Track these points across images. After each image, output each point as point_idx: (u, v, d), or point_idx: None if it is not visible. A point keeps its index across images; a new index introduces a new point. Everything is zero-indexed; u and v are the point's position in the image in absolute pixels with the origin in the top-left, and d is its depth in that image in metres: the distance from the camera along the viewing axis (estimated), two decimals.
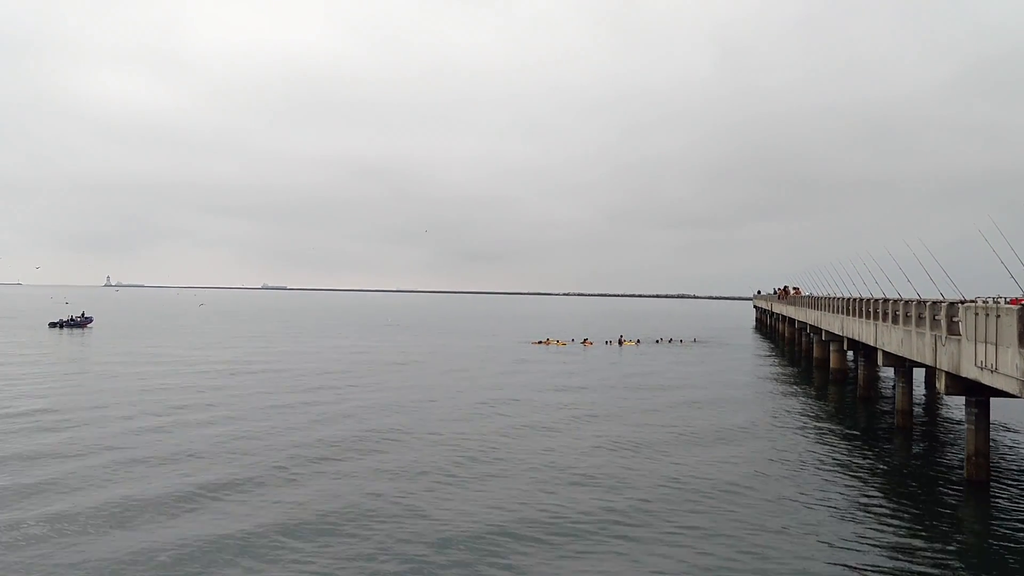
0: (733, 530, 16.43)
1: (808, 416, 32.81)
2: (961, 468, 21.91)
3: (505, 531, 16.13)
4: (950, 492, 20.16)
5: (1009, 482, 21.07)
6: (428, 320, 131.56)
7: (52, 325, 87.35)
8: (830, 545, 15.62)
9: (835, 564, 14.58)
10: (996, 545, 15.94)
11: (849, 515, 17.80)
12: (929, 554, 15.31)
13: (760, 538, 15.93)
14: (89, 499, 18.15)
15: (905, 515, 18.05)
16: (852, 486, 20.59)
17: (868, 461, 23.88)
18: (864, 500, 19.20)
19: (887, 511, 18.34)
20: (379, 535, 15.88)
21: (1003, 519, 17.70)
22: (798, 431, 28.89)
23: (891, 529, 16.88)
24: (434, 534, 15.90)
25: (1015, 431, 28.91)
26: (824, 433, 28.67)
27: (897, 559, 14.92)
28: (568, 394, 37.98)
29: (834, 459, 23.99)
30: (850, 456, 24.56)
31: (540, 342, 73.66)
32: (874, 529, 16.81)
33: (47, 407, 31.35)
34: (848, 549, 15.41)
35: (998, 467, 22.44)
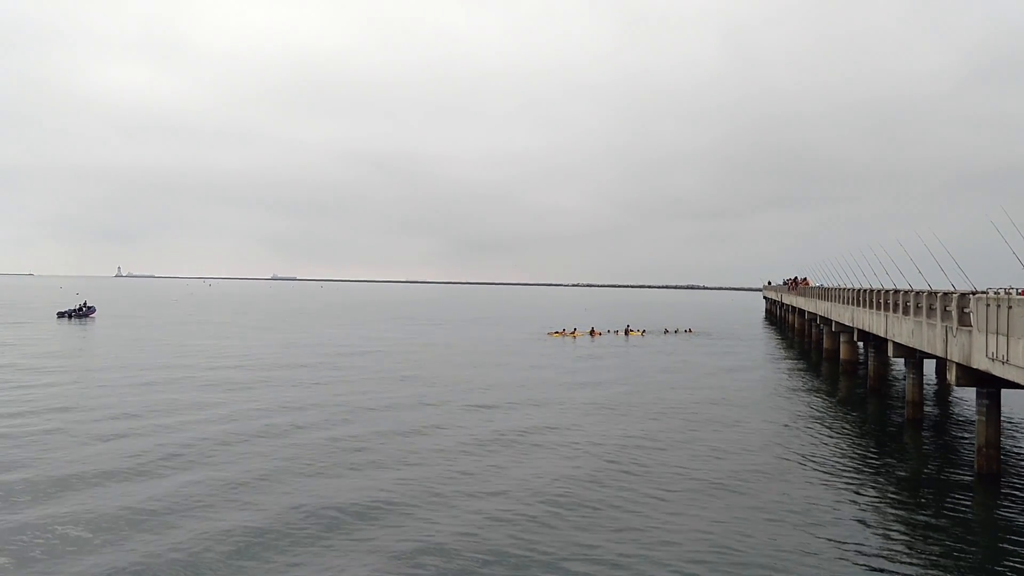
0: (740, 520, 16.33)
1: (818, 407, 32.63)
2: (972, 460, 21.73)
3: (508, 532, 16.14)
4: (960, 484, 19.98)
5: (1020, 474, 20.88)
6: (443, 311, 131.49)
7: (60, 315, 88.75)
8: (838, 537, 15.50)
9: (843, 555, 14.46)
10: (1006, 538, 15.77)
11: (858, 507, 17.67)
12: (939, 546, 15.17)
13: (768, 529, 15.83)
14: (70, 500, 18.23)
15: (915, 507, 17.91)
16: (861, 478, 20.45)
17: (878, 453, 23.73)
18: (873, 492, 19.06)
19: (897, 503, 18.21)
20: (399, 533, 15.89)
21: (1014, 511, 17.54)
22: (808, 422, 28.73)
23: (901, 521, 16.76)
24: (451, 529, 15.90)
25: None
26: (834, 425, 28.50)
27: (906, 551, 14.79)
28: (580, 384, 37.96)
29: (844, 451, 23.84)
30: (860, 448, 24.41)
31: (556, 333, 74.94)
32: (883, 521, 16.69)
33: (38, 398, 31.56)
34: (856, 541, 15.28)
35: (1009, 459, 22.26)
